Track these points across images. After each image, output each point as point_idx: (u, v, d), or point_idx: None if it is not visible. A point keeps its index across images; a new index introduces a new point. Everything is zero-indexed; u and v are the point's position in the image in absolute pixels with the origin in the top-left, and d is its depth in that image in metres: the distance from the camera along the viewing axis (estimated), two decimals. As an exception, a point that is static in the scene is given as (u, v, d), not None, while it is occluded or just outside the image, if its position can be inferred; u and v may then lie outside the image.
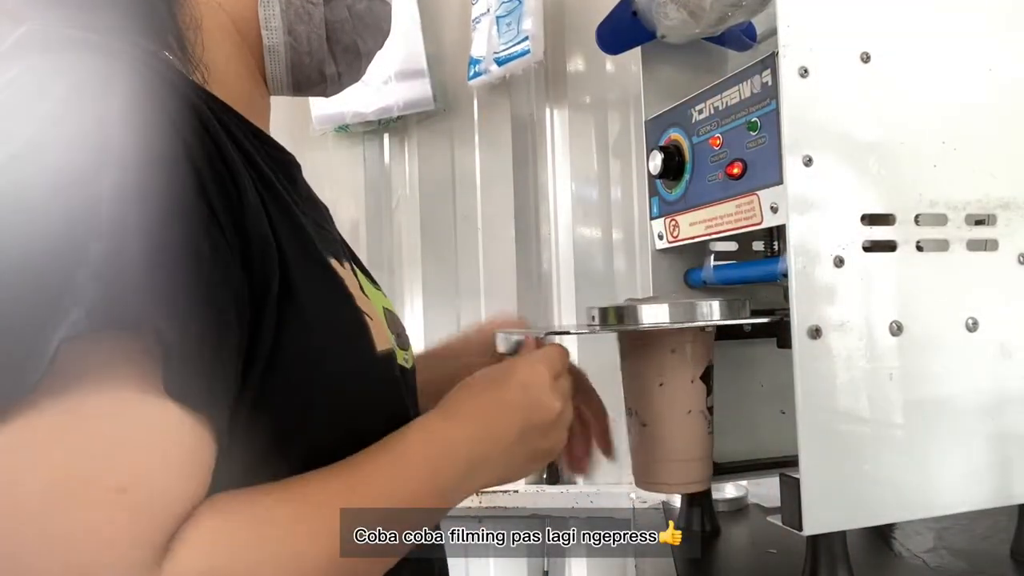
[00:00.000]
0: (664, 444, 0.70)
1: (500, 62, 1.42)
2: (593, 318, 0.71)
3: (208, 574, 0.37)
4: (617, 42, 0.90)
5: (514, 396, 0.55)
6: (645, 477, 0.72)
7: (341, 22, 0.59)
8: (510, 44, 1.41)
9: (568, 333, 0.76)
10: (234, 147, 0.45)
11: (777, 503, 0.66)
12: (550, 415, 0.56)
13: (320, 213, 0.61)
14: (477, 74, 1.46)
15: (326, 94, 0.64)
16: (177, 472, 0.37)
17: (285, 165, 0.57)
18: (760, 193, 0.68)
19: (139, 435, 0.36)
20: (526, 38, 1.38)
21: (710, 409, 0.72)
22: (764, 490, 1.01)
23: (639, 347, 0.72)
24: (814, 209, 0.64)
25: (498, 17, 1.44)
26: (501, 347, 0.65)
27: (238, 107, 0.51)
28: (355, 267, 0.60)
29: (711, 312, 0.68)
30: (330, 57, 0.60)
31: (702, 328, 0.70)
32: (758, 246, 0.88)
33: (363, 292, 0.56)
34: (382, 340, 0.53)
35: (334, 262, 0.52)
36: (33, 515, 0.33)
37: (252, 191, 0.44)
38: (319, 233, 0.53)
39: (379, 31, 0.64)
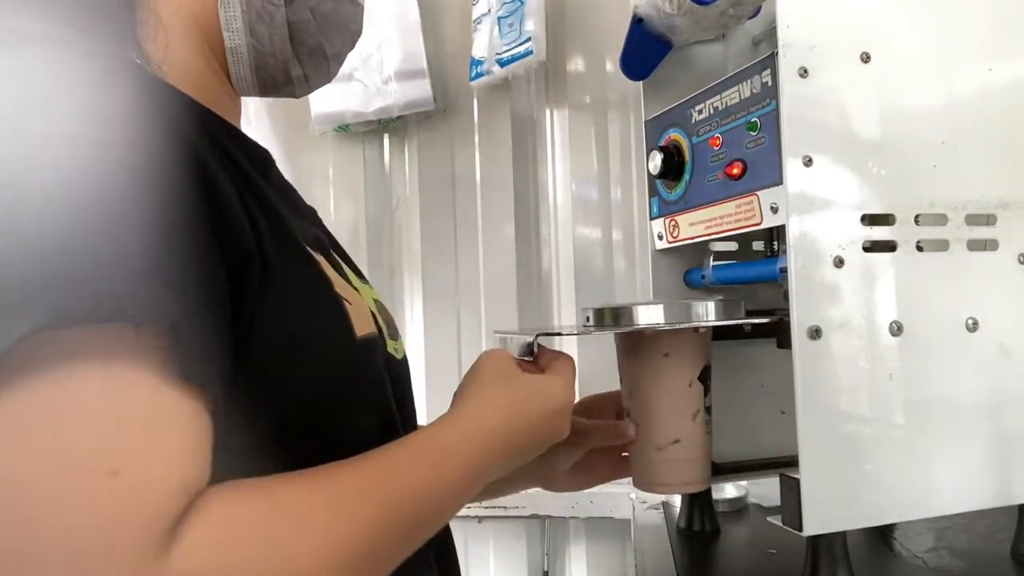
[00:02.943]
0: (661, 444, 0.70)
1: (503, 63, 1.42)
2: (588, 319, 0.71)
3: (221, 562, 0.35)
4: (641, 66, 0.89)
5: (538, 418, 0.57)
6: (643, 477, 0.72)
7: (304, 23, 0.58)
8: (512, 45, 1.41)
9: (560, 334, 0.76)
10: (210, 140, 0.45)
11: (777, 503, 0.66)
12: (560, 437, 0.59)
13: (296, 206, 0.61)
14: (479, 75, 1.46)
15: (295, 95, 0.63)
16: (176, 454, 0.35)
17: (260, 161, 0.57)
18: (760, 193, 0.68)
19: (132, 415, 0.34)
20: (529, 39, 1.38)
21: (708, 409, 0.72)
22: (764, 490, 1.01)
23: (635, 349, 0.71)
24: (814, 209, 0.64)
25: (500, 18, 1.44)
26: (514, 352, 0.65)
27: (206, 105, 0.51)
28: (339, 259, 0.60)
29: (705, 313, 0.67)
30: (295, 59, 0.59)
31: (696, 329, 0.70)
32: (758, 246, 0.88)
33: (348, 281, 0.56)
34: (363, 325, 0.53)
35: (310, 250, 0.52)
36: (23, 502, 0.31)
37: (229, 183, 0.44)
38: (296, 223, 0.53)
39: (347, 32, 0.63)
